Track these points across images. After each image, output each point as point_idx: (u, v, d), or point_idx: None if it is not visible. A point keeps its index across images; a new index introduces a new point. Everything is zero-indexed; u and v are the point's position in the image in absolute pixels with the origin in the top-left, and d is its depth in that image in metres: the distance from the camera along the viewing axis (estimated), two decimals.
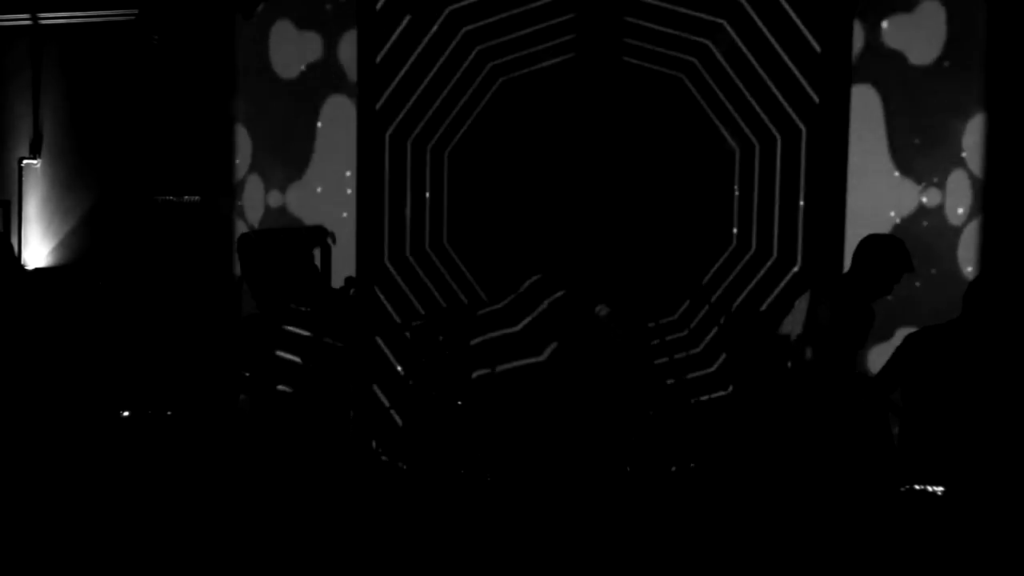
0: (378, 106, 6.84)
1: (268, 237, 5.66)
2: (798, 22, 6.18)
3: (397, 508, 5.13)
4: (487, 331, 5.48)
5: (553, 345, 5.30)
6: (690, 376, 6.20)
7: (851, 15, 6.06)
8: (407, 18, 6.70)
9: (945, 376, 3.78)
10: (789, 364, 4.31)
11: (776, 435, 4.38)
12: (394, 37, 6.78)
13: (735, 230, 6.38)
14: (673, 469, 5.62)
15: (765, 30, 6.23)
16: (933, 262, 5.95)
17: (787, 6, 6.18)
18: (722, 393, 6.22)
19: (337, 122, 6.95)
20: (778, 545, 4.17)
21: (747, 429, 5.16)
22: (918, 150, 6.04)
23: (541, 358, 5.20)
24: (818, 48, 6.15)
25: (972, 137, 5.97)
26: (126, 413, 7.02)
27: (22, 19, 7.63)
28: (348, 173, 6.92)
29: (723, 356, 6.18)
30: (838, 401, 4.16)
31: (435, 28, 6.68)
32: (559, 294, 5.36)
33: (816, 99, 6.18)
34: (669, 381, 5.93)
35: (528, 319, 5.38)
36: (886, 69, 6.08)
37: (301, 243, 5.55)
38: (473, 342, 5.46)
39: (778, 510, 4.24)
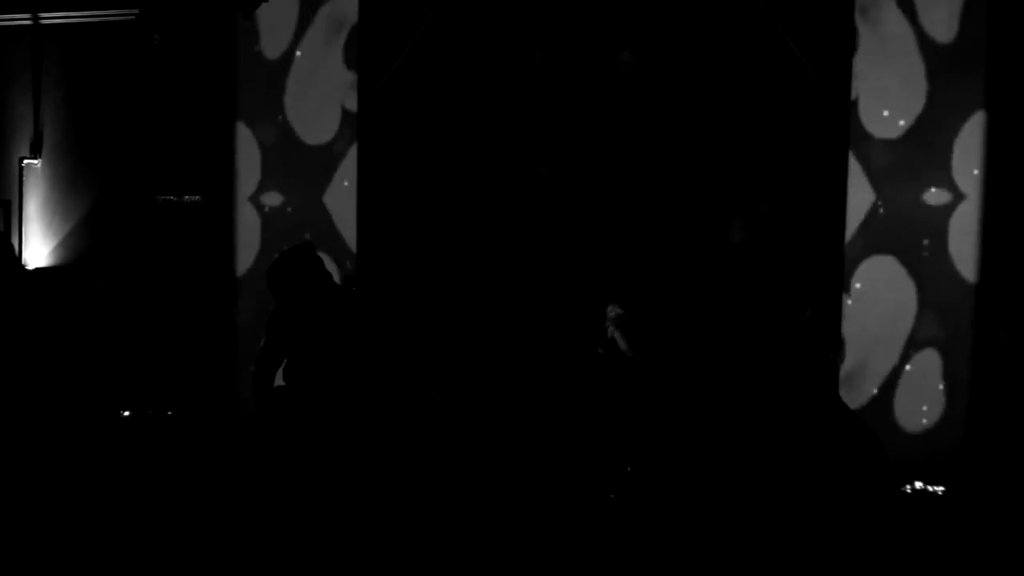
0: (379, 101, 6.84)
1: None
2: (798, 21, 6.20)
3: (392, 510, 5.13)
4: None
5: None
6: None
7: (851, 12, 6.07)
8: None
9: None
10: None
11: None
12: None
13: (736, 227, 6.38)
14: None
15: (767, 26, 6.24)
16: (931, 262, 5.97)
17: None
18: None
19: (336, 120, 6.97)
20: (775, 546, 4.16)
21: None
22: (918, 149, 6.04)
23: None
24: (816, 40, 6.14)
25: (973, 137, 5.96)
26: (126, 413, 7.03)
27: (23, 19, 7.63)
28: (348, 177, 6.94)
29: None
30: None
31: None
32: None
33: (816, 99, 6.19)
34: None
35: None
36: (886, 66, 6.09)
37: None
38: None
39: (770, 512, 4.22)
